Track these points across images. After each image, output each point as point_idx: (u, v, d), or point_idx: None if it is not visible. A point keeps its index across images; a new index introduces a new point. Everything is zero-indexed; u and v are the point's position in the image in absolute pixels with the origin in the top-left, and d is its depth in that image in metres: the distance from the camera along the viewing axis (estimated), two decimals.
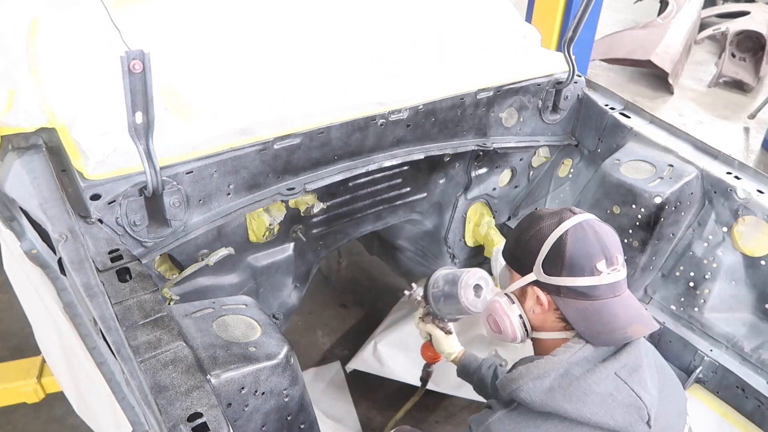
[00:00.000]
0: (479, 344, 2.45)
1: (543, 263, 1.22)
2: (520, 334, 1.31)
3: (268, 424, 1.20)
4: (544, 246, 1.22)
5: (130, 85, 1.18)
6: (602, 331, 1.19)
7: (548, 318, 1.27)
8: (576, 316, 1.21)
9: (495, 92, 2.04)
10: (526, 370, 1.19)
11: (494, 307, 1.33)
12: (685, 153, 2.02)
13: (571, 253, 1.19)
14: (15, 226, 1.47)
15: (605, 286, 1.19)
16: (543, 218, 1.26)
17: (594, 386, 1.15)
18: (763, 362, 1.83)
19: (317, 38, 1.92)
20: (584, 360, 1.18)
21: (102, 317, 1.14)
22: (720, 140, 5.12)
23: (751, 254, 1.90)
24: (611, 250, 1.20)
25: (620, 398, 1.15)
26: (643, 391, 1.17)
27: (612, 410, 1.14)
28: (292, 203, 1.81)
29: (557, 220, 1.23)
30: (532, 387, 1.16)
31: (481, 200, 2.40)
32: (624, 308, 1.21)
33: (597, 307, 1.19)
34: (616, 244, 1.22)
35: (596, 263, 1.18)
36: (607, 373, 1.16)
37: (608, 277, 1.19)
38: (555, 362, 1.18)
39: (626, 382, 1.16)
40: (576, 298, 1.20)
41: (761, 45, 6.07)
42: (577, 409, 1.13)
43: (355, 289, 3.32)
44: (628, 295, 1.24)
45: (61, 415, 2.50)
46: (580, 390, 1.14)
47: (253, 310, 1.32)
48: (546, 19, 4.05)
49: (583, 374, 1.16)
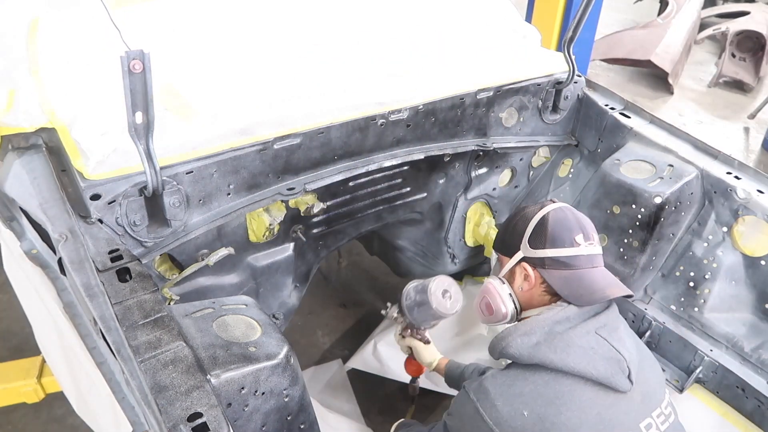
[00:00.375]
0: (479, 344, 2.46)
1: (529, 239, 1.41)
2: (510, 312, 1.44)
3: (268, 424, 1.20)
4: (529, 225, 1.42)
5: (130, 85, 1.18)
6: (584, 293, 1.34)
7: (535, 293, 1.42)
8: (560, 283, 1.37)
9: (495, 92, 2.04)
10: (514, 328, 1.35)
11: (487, 288, 1.48)
12: (685, 153, 2.02)
13: (552, 227, 1.38)
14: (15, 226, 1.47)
15: (584, 257, 1.37)
16: (527, 207, 1.49)
17: (576, 339, 1.29)
18: (763, 362, 1.83)
19: (317, 38, 1.92)
20: (566, 319, 1.33)
21: (102, 317, 1.14)
22: (720, 140, 5.12)
23: (751, 254, 1.90)
24: (587, 228, 1.40)
25: (600, 351, 1.28)
26: (622, 347, 1.30)
27: (594, 361, 1.26)
28: (292, 203, 1.81)
29: (540, 206, 1.45)
30: (520, 342, 1.31)
31: (481, 200, 2.40)
32: (602, 276, 1.38)
33: (578, 275, 1.36)
34: (590, 225, 1.42)
35: (575, 236, 1.37)
36: (587, 329, 1.31)
37: (586, 249, 1.37)
38: (540, 320, 1.33)
39: (606, 339, 1.30)
40: (559, 269, 1.37)
41: (761, 45, 6.07)
42: (561, 359, 1.26)
43: (355, 289, 3.32)
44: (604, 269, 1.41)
45: (61, 415, 2.50)
46: (563, 342, 1.28)
47: (253, 310, 1.32)
48: (546, 19, 4.05)
49: (566, 330, 1.30)
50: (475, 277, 2.78)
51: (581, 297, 1.35)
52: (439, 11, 2.24)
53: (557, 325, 1.32)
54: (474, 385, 1.34)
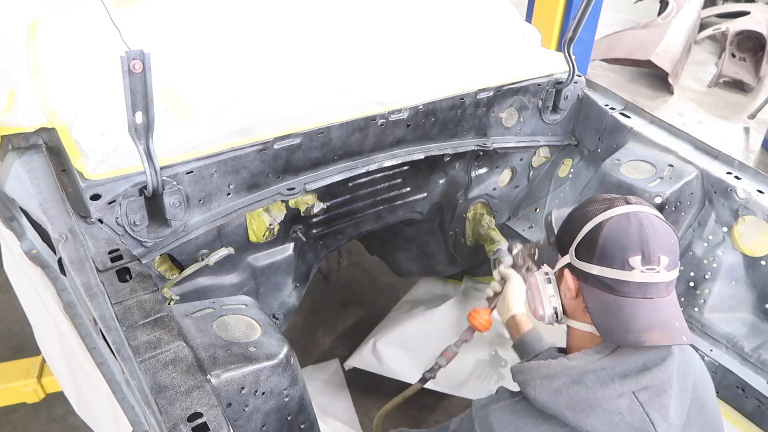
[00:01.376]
0: (479, 344, 2.45)
1: (577, 246, 1.18)
2: (547, 315, 1.28)
3: (268, 424, 1.19)
4: (583, 229, 1.17)
5: (130, 85, 1.18)
6: (617, 328, 1.11)
7: (578, 306, 1.22)
8: (596, 307, 1.15)
9: (495, 92, 2.04)
10: (538, 366, 1.17)
11: (530, 281, 1.33)
12: (685, 153, 2.02)
13: (605, 240, 1.13)
14: (15, 226, 1.47)
15: (635, 284, 1.11)
16: (595, 201, 1.21)
17: (602, 401, 1.09)
18: (763, 362, 1.83)
19: (317, 38, 1.92)
20: (602, 370, 1.11)
21: (102, 317, 1.14)
22: (720, 140, 5.12)
23: (751, 254, 1.90)
24: (653, 248, 1.11)
25: (629, 420, 1.09)
26: (661, 418, 1.09)
27: (617, 430, 1.08)
28: (292, 203, 1.81)
29: (606, 206, 1.17)
30: (540, 384, 1.13)
31: (481, 200, 2.40)
32: (650, 312, 1.11)
33: (620, 304, 1.12)
34: (664, 244, 1.12)
35: (629, 257, 1.10)
36: (624, 390, 1.09)
37: (641, 276, 1.10)
38: (567, 366, 1.14)
39: (643, 405, 1.09)
40: (601, 289, 1.14)
41: (761, 45, 6.07)
42: (578, 419, 1.09)
43: (355, 289, 3.32)
44: (666, 301, 1.13)
45: (61, 415, 2.50)
46: (586, 401, 1.09)
47: (253, 310, 1.32)
48: (546, 19, 4.05)
49: (596, 386, 1.10)
50: (475, 277, 2.78)
51: (613, 332, 1.12)
52: (440, 11, 2.24)
53: (588, 375, 1.11)
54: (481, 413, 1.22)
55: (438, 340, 2.54)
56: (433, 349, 2.51)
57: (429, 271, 2.71)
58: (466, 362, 2.39)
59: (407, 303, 2.87)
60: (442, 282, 2.88)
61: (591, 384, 1.10)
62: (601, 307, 1.14)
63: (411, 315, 2.68)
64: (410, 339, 2.55)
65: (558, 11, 4.05)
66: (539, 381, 1.14)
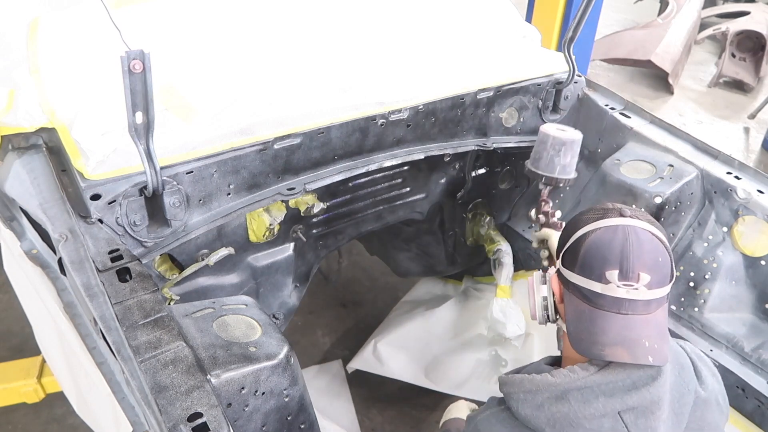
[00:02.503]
0: (479, 344, 2.45)
1: (564, 252, 1.19)
2: (539, 315, 1.29)
3: (268, 424, 1.19)
4: (572, 237, 1.17)
5: (130, 85, 1.19)
6: (585, 339, 1.11)
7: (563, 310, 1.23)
8: (572, 315, 1.15)
9: (495, 92, 2.04)
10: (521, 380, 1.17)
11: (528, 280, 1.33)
12: (685, 153, 2.02)
13: (586, 250, 1.12)
14: (15, 226, 1.47)
15: (611, 298, 1.09)
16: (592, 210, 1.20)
17: (584, 420, 1.07)
18: (763, 362, 1.83)
19: (317, 38, 1.92)
20: (587, 389, 1.09)
21: (102, 317, 1.14)
22: (720, 140, 5.12)
23: (751, 254, 1.90)
24: (632, 264, 1.08)
25: None
26: None
27: None
28: (292, 203, 1.81)
29: (599, 216, 1.16)
30: (523, 399, 1.14)
31: (481, 200, 2.40)
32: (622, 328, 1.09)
33: (594, 315, 1.11)
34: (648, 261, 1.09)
35: (606, 270, 1.09)
36: (608, 409, 1.08)
37: (617, 291, 1.08)
38: (550, 383, 1.13)
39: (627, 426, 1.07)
40: (579, 298, 1.14)
41: (761, 45, 6.07)
42: None
43: (355, 289, 3.32)
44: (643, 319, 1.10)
45: (61, 415, 2.50)
46: (567, 420, 1.08)
47: (253, 310, 1.32)
48: (546, 19, 4.05)
49: (579, 404, 1.08)
50: (475, 277, 2.78)
51: (581, 342, 1.12)
52: (440, 11, 2.24)
53: (572, 392, 1.10)
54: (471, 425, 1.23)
55: (438, 341, 2.54)
56: (434, 349, 2.52)
57: (429, 271, 2.71)
58: (466, 362, 2.39)
59: (407, 303, 2.87)
60: (442, 282, 2.88)
61: (574, 401, 1.09)
62: (577, 316, 1.14)
63: (411, 315, 2.69)
64: (411, 339, 2.55)
65: (558, 11, 4.05)
66: (522, 395, 1.14)
